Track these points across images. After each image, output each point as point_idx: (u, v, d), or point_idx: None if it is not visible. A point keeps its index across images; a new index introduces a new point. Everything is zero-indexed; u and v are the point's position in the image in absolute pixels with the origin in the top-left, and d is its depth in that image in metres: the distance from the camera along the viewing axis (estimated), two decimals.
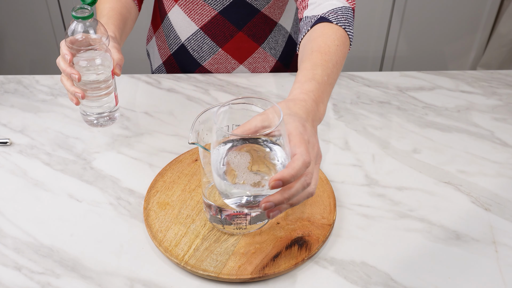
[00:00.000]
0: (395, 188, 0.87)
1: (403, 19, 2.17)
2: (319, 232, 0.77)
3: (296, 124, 0.64)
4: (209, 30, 1.09)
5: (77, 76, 0.80)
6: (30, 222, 0.80)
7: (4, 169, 0.90)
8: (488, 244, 0.78)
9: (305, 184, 0.61)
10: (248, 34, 1.10)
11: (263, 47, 1.13)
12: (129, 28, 1.03)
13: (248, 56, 1.14)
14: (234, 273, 0.71)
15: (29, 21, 2.21)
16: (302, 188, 0.61)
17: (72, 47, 0.81)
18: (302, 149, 0.61)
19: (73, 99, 0.84)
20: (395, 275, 0.73)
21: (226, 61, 1.14)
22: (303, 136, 0.63)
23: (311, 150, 0.63)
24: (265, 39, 1.12)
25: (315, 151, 0.64)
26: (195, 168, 0.88)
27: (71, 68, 0.81)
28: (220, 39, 1.11)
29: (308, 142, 0.63)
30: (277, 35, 1.14)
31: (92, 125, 0.90)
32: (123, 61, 0.86)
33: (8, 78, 1.11)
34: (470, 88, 1.10)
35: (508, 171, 0.90)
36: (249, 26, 1.09)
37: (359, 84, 1.11)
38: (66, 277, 0.73)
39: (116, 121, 0.92)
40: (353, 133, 0.98)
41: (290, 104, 0.68)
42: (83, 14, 0.79)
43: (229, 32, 1.09)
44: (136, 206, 0.83)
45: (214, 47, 1.11)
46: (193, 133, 0.70)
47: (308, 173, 0.61)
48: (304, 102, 0.69)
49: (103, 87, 0.85)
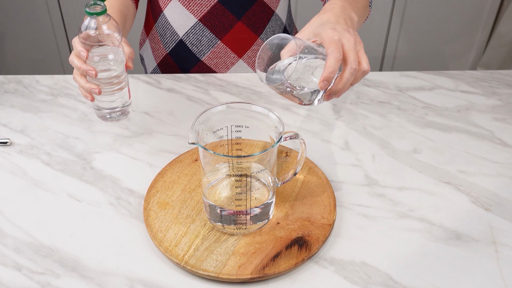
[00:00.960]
0: (395, 188, 0.87)
1: (403, 19, 2.17)
2: (319, 232, 0.77)
3: (326, 30, 0.71)
4: (208, 21, 1.10)
5: (94, 72, 0.82)
6: (30, 222, 0.80)
7: (4, 169, 0.90)
8: (488, 244, 0.78)
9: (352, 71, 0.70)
10: (247, 24, 1.11)
11: (261, 38, 1.14)
12: (129, 26, 1.05)
13: (247, 48, 1.14)
14: (234, 273, 0.71)
15: (29, 21, 2.21)
16: (351, 75, 0.70)
17: (85, 42, 0.82)
18: (331, 48, 0.69)
19: (88, 96, 0.86)
20: (395, 275, 0.73)
21: (225, 55, 1.14)
22: (333, 37, 0.70)
23: (347, 43, 0.70)
24: (263, 29, 1.14)
25: (352, 42, 0.71)
26: (195, 168, 0.88)
27: (86, 65, 0.82)
28: (219, 30, 1.11)
29: (340, 40, 0.70)
30: (274, 26, 1.16)
31: (105, 120, 0.92)
32: (133, 54, 0.88)
33: (8, 78, 1.11)
34: (470, 88, 1.10)
35: (508, 171, 0.90)
36: (248, 15, 1.11)
37: (359, 84, 1.11)
38: (66, 277, 0.73)
39: (128, 115, 0.94)
40: (353, 133, 0.98)
41: (321, 16, 0.77)
42: (96, 10, 0.80)
43: (228, 22, 1.10)
44: (136, 206, 0.83)
45: (213, 39, 1.12)
46: (193, 133, 0.70)
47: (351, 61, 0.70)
48: (333, 9, 0.78)
49: (117, 82, 0.87)
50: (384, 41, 2.23)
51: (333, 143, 0.96)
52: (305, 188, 0.84)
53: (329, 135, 0.97)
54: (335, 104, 1.05)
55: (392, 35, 2.21)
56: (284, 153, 0.91)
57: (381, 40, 2.23)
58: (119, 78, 0.87)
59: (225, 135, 0.77)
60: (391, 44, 2.24)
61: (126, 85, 0.89)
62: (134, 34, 1.96)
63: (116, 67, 0.85)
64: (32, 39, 2.27)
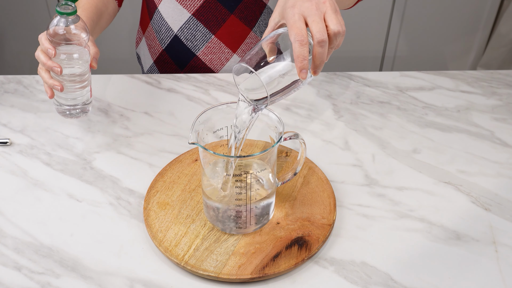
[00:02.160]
0: (395, 188, 0.87)
1: (403, 19, 2.17)
2: (319, 232, 0.77)
3: (287, 9, 0.68)
4: (201, 16, 1.11)
5: (59, 69, 0.84)
6: (30, 222, 0.80)
7: (4, 169, 0.90)
8: (488, 244, 0.78)
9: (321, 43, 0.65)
10: (239, 17, 1.12)
11: (254, 31, 1.15)
12: (104, 22, 1.07)
13: (241, 42, 1.15)
14: (234, 273, 0.71)
15: (29, 21, 2.21)
16: (321, 47, 0.65)
17: (52, 40, 0.85)
18: (292, 32, 0.65)
19: (49, 92, 0.88)
20: (395, 275, 0.73)
21: (219, 51, 1.15)
22: (293, 17, 0.66)
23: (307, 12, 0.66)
24: (256, 21, 1.14)
25: (313, 9, 0.67)
26: (195, 168, 0.88)
27: (52, 62, 0.85)
28: (213, 25, 1.12)
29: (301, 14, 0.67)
30: (266, 18, 1.17)
31: (65, 116, 0.94)
32: (98, 54, 0.91)
33: (8, 78, 1.11)
34: (470, 88, 1.10)
35: (508, 171, 0.90)
36: (240, 8, 1.11)
37: (359, 84, 1.11)
38: (66, 277, 0.73)
39: (88, 113, 0.96)
40: (353, 133, 0.98)
41: None
42: (67, 10, 0.84)
43: (221, 15, 1.11)
44: (136, 206, 0.83)
45: (207, 33, 1.13)
46: (193, 133, 0.70)
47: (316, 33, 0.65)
48: None
49: (79, 81, 0.89)
50: (384, 41, 2.23)
51: (333, 143, 0.96)
52: (305, 188, 0.84)
53: (329, 135, 0.97)
54: (335, 104, 1.05)
55: (392, 35, 2.21)
56: (284, 153, 0.91)
57: (381, 40, 2.23)
58: (82, 77, 0.89)
59: (225, 135, 0.77)
60: (391, 44, 2.24)
61: (88, 84, 0.92)
62: (130, 33, 1.97)
63: (80, 66, 0.88)
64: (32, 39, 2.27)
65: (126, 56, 2.29)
